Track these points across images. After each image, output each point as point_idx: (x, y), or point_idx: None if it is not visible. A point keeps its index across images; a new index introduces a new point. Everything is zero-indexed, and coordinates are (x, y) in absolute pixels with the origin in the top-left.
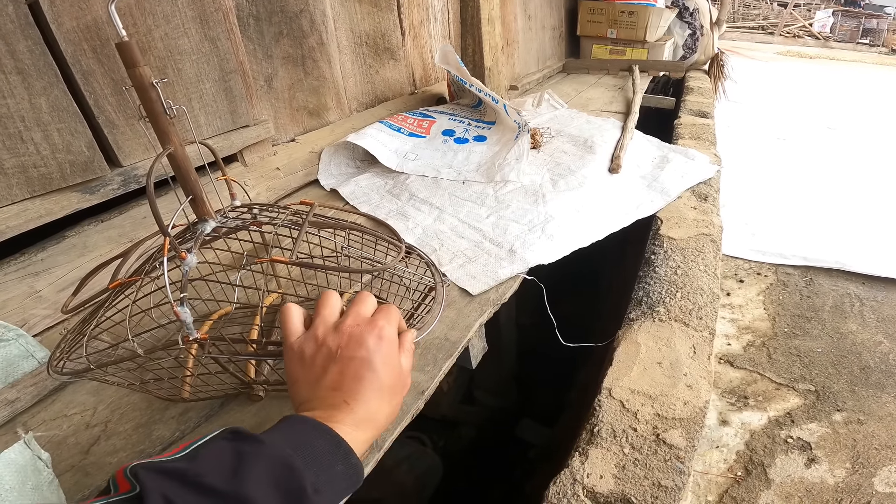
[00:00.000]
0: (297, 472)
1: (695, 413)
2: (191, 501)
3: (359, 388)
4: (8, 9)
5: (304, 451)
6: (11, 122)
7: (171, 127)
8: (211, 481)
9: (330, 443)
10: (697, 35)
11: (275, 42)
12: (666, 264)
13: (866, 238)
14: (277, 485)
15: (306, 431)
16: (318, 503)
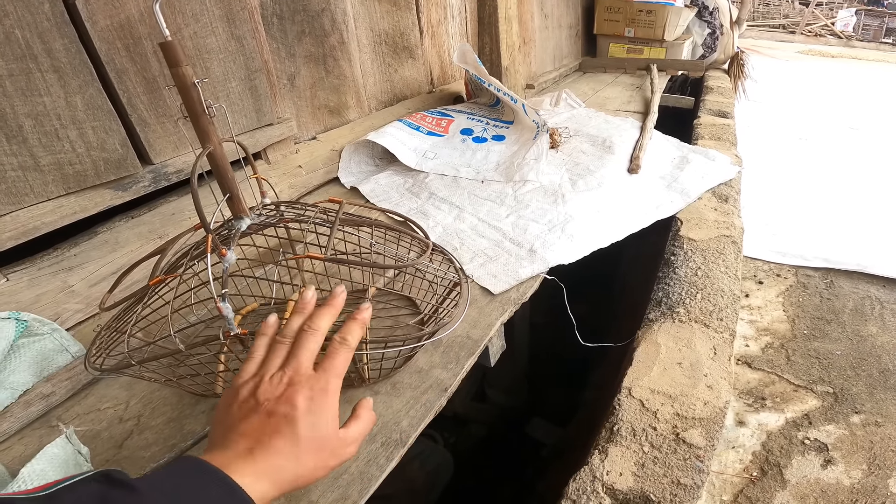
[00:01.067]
0: None
1: (715, 413)
2: None
3: (269, 442)
4: (44, 6)
5: (190, 500)
6: (48, 120)
7: (210, 126)
8: None
9: (223, 491)
10: (717, 34)
11: (297, 41)
12: (686, 265)
13: (888, 240)
14: None
15: (199, 477)
16: None
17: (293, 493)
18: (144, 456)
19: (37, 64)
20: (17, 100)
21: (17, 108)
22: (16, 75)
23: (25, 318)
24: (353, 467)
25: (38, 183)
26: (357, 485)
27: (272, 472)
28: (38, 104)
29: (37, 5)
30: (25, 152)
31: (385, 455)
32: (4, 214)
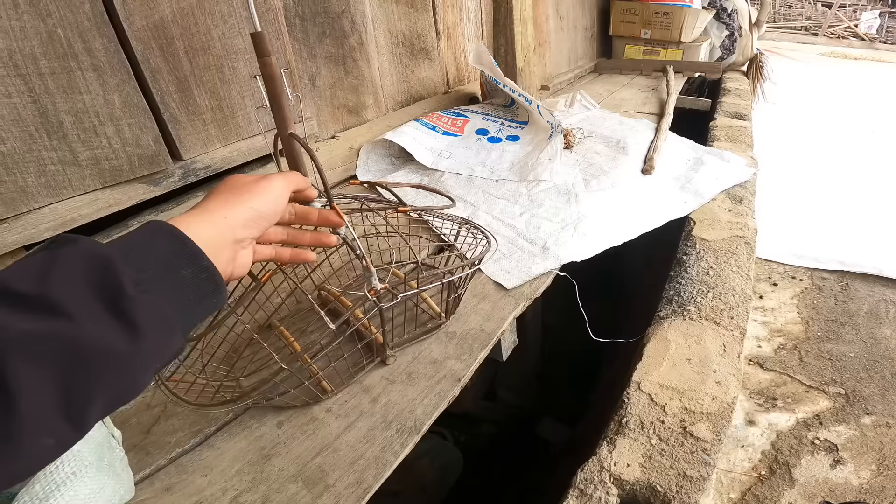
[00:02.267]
0: (113, 269)
1: (723, 408)
2: None
3: (213, 192)
4: (85, 6)
5: (135, 250)
6: (87, 117)
7: (289, 113)
8: (16, 286)
9: (172, 242)
10: (735, 36)
11: (318, 42)
12: (698, 265)
13: None
14: (88, 281)
15: (145, 232)
16: (143, 301)
17: (311, 477)
18: (170, 441)
19: (77, 62)
20: (59, 97)
21: (59, 105)
22: (57, 73)
23: None
24: (368, 453)
25: (76, 177)
26: (372, 469)
27: (214, 211)
28: (78, 101)
29: (78, 5)
30: (65, 147)
31: (400, 442)
32: (43, 206)
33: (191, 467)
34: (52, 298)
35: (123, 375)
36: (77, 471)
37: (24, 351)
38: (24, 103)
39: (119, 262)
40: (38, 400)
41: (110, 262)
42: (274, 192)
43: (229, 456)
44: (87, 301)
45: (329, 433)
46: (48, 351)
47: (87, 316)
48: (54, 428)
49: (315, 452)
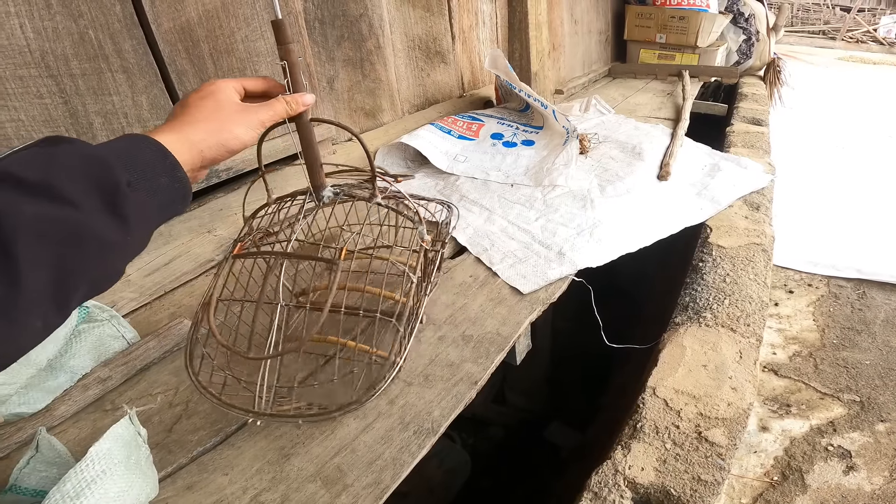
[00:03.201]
0: (110, 169)
1: (738, 414)
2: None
3: (194, 115)
4: (116, 8)
5: (124, 156)
6: (116, 118)
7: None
8: (21, 173)
9: (155, 154)
10: (753, 40)
11: (337, 45)
12: (714, 272)
13: None
14: (89, 177)
15: (132, 142)
16: (135, 200)
17: (330, 476)
18: (192, 440)
19: (108, 64)
20: (89, 98)
21: (89, 106)
22: (88, 75)
23: (87, 305)
24: (386, 454)
25: None
26: (390, 470)
27: (189, 142)
28: (107, 103)
29: (109, 6)
30: None
31: (417, 443)
32: None
33: (212, 466)
34: (59, 187)
35: (110, 265)
36: (107, 469)
37: (34, 232)
38: (55, 104)
39: (115, 165)
40: (38, 280)
41: (108, 163)
42: (249, 133)
43: (249, 455)
44: (89, 193)
45: (347, 433)
46: (54, 234)
47: (89, 206)
48: (45, 310)
49: (334, 452)
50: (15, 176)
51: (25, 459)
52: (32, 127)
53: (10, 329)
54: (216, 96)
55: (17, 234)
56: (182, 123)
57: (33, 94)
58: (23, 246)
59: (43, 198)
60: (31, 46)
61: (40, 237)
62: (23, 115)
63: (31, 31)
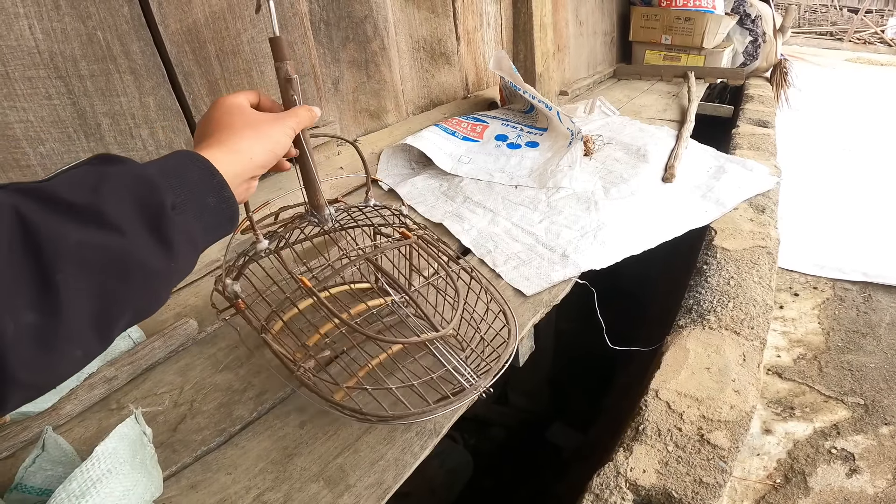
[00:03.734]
0: (158, 190)
1: (741, 417)
2: (44, 215)
3: (230, 126)
4: (124, 9)
5: (172, 175)
6: (123, 119)
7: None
8: (67, 196)
9: (203, 173)
10: (759, 42)
11: (342, 46)
12: (718, 274)
13: None
14: (136, 200)
15: (181, 160)
16: (178, 222)
17: (332, 476)
18: (196, 439)
19: (116, 65)
20: (97, 99)
21: (97, 107)
22: (97, 76)
23: None
24: (388, 454)
25: None
26: (392, 470)
27: (238, 150)
28: (115, 104)
29: (117, 7)
30: (101, 149)
31: (419, 444)
32: None
33: (215, 465)
34: (105, 212)
35: (154, 293)
36: (113, 468)
37: (77, 260)
38: (63, 105)
39: (163, 186)
40: (80, 310)
41: (155, 184)
42: (286, 138)
43: (253, 454)
44: (134, 218)
45: (350, 434)
46: (98, 262)
47: (134, 232)
48: (86, 340)
49: (336, 453)
50: (63, 200)
51: (31, 458)
52: (41, 128)
53: (50, 358)
54: (241, 108)
55: (60, 262)
56: (223, 135)
57: (42, 94)
58: (65, 274)
59: (90, 224)
60: (39, 47)
61: (83, 265)
62: (31, 115)
63: (40, 32)
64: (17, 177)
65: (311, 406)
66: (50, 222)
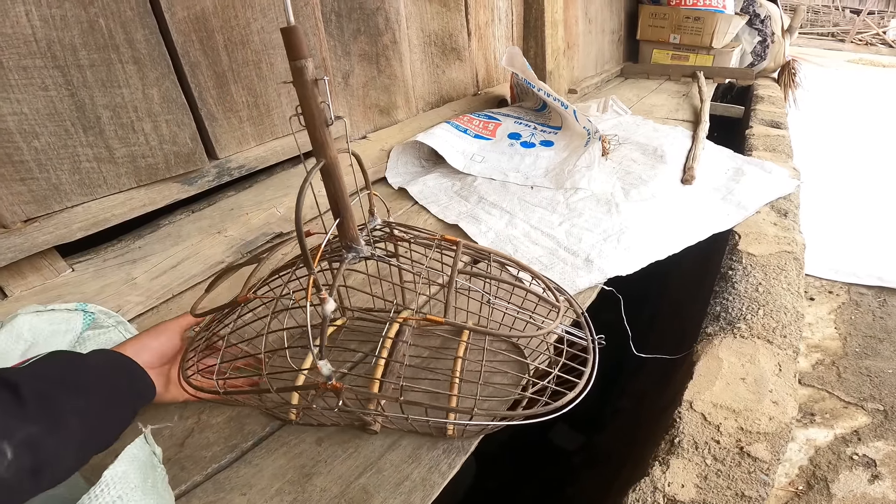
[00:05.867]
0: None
1: (780, 428)
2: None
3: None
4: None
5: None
6: (125, 112)
7: (328, 135)
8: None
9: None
10: (768, 42)
11: (353, 39)
12: (746, 281)
13: None
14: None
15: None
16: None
17: (355, 498)
18: (205, 456)
19: (118, 54)
20: (97, 91)
21: (97, 99)
22: (97, 65)
23: (92, 311)
24: (414, 474)
25: (111, 175)
26: (419, 491)
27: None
28: (116, 95)
29: None
30: (101, 144)
31: (447, 462)
32: (77, 205)
33: (228, 485)
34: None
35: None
36: (123, 495)
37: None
38: (60, 96)
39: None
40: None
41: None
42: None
43: (268, 474)
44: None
45: (372, 452)
46: None
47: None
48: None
49: (358, 472)
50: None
51: None
52: (36, 121)
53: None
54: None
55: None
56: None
57: (38, 85)
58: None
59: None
60: (37, 35)
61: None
62: (26, 108)
63: (38, 18)
64: (9, 173)
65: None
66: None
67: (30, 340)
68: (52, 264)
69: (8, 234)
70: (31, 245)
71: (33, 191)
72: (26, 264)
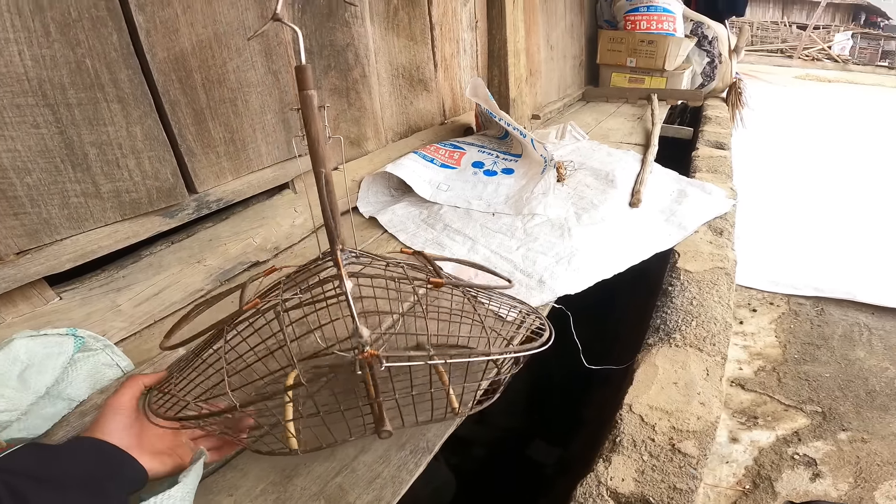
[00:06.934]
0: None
1: (707, 427)
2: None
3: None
4: (113, 37)
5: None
6: (110, 149)
7: (327, 151)
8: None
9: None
10: (716, 63)
11: (324, 75)
12: (682, 295)
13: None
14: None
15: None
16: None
17: (332, 495)
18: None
19: (104, 93)
20: (84, 128)
21: (84, 136)
22: (84, 104)
23: (82, 335)
24: (385, 472)
25: (97, 209)
26: (390, 487)
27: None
28: (102, 133)
29: (106, 35)
30: (88, 180)
31: (414, 461)
32: (66, 238)
33: (216, 488)
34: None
35: None
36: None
37: None
38: (51, 134)
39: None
40: None
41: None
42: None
43: (252, 476)
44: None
45: (347, 454)
46: None
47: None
48: None
49: (335, 472)
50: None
51: None
52: (28, 157)
53: None
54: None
55: None
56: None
57: (30, 123)
58: None
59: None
60: (28, 74)
61: None
62: (19, 145)
63: (30, 58)
64: (4, 208)
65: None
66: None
67: (25, 362)
68: (41, 293)
69: (2, 265)
70: (24, 276)
71: (25, 225)
72: (17, 293)
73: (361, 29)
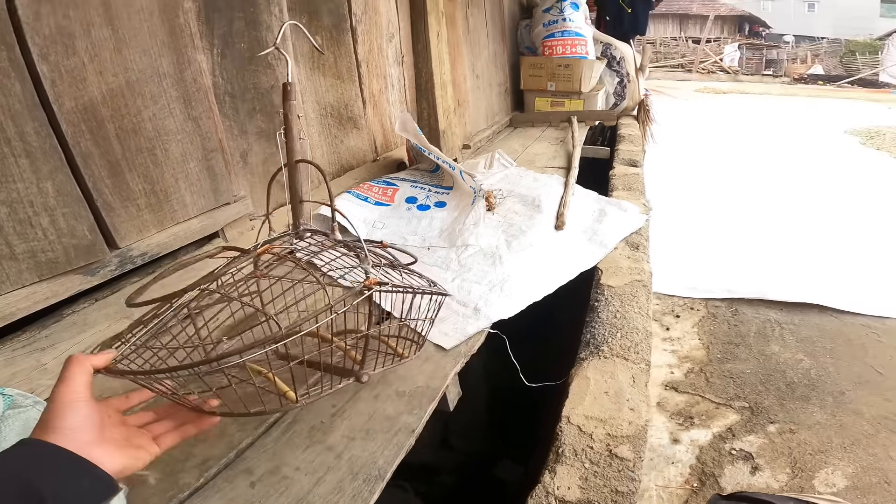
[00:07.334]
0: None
1: (638, 430)
2: None
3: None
4: (16, 87)
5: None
6: (21, 207)
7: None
8: None
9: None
10: (625, 82)
11: (249, 118)
12: (607, 309)
13: (782, 267)
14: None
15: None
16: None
17: None
18: None
19: (10, 148)
20: None
21: None
22: None
23: (10, 393)
24: (340, 503)
25: (13, 271)
26: None
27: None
28: (12, 191)
29: (9, 86)
30: (1, 241)
31: (367, 489)
32: None
33: None
34: None
35: None
36: None
37: None
38: None
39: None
40: None
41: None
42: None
43: None
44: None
45: (301, 489)
46: None
47: None
48: None
49: None
50: None
51: None
52: None
53: None
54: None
55: None
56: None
57: None
58: None
59: None
60: None
61: None
62: None
63: None
64: None
65: (259, 466)
66: None
67: None
68: None
69: None
70: None
71: None
72: None
73: (285, 70)
